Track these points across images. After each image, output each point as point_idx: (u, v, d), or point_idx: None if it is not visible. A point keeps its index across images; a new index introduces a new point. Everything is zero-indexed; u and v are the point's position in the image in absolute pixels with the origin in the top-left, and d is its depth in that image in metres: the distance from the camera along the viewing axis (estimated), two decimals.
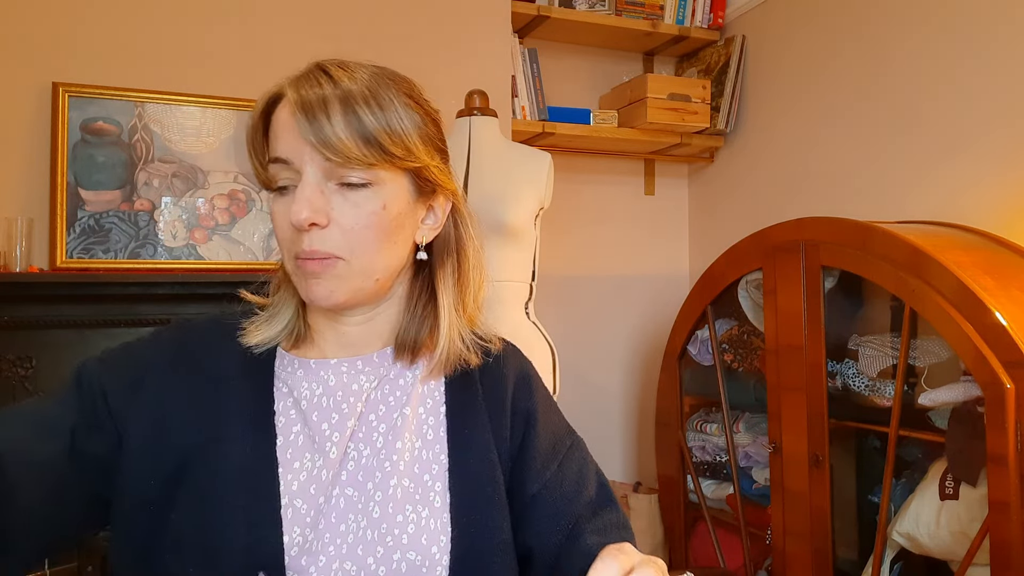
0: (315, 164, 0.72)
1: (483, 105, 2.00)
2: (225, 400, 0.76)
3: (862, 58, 2.33)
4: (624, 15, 2.74)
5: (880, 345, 1.88)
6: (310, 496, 0.74)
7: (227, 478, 0.72)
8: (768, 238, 2.05)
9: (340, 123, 0.71)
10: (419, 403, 0.82)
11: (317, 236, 0.73)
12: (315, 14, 2.29)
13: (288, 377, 0.80)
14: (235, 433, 0.74)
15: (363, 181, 0.73)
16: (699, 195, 3.09)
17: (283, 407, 0.78)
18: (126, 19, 2.09)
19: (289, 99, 0.73)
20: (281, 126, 0.74)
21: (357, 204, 0.74)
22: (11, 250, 1.88)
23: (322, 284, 0.74)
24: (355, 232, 0.74)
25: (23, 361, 1.86)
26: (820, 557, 1.92)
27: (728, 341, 2.28)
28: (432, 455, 0.79)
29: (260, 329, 0.80)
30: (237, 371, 0.78)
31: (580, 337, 2.93)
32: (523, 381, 0.88)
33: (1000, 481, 1.50)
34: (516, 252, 1.91)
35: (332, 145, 0.71)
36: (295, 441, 0.76)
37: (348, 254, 0.74)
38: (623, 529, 0.82)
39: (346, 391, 0.79)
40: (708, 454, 2.37)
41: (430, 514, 0.76)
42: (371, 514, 0.75)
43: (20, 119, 1.98)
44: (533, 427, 0.84)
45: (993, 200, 1.95)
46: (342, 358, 0.81)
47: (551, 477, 0.83)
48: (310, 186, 0.72)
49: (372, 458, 0.77)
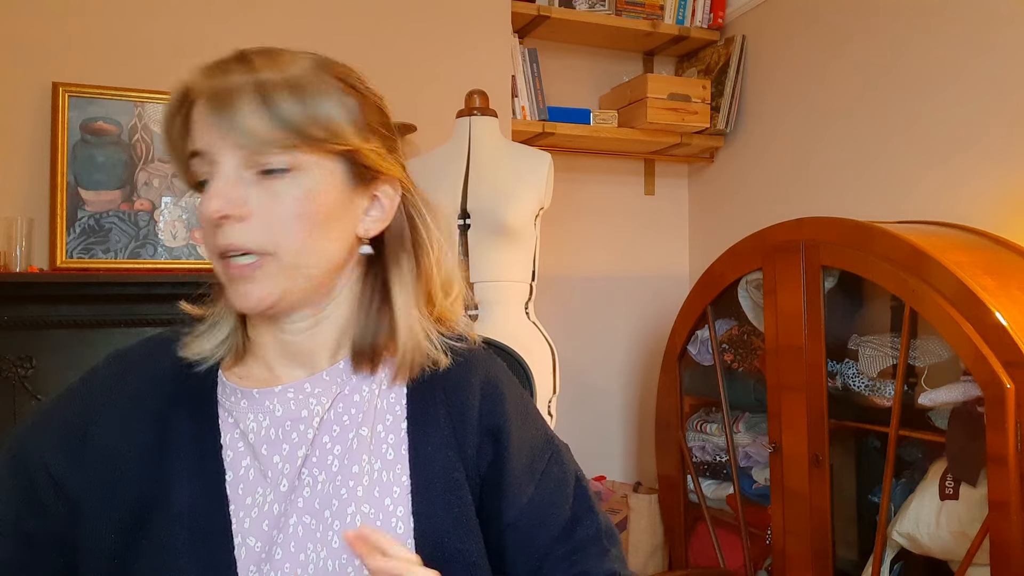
0: (230, 153, 0.67)
1: (483, 105, 2.00)
2: (171, 438, 0.72)
3: (862, 58, 2.33)
4: (624, 15, 2.73)
5: (880, 345, 1.88)
6: (262, 532, 0.70)
7: (179, 522, 0.69)
8: (768, 238, 2.05)
9: (252, 107, 0.66)
10: (377, 420, 0.76)
11: (237, 230, 0.67)
12: (315, 15, 2.29)
13: (233, 408, 0.74)
14: (184, 474, 0.70)
15: (283, 167, 0.68)
16: (699, 195, 3.09)
17: (230, 440, 0.73)
18: (126, 19, 2.09)
19: (198, 88, 0.68)
20: (196, 118, 0.69)
21: (278, 193, 0.68)
22: (11, 250, 1.88)
23: (251, 287, 0.69)
24: (278, 223, 0.68)
25: (23, 361, 1.85)
26: (820, 557, 1.92)
27: (728, 341, 2.28)
28: (393, 476, 0.73)
29: (197, 341, 0.75)
30: (181, 403, 0.73)
31: (580, 337, 2.93)
32: (490, 391, 0.80)
33: (1000, 481, 1.50)
34: (516, 252, 1.91)
35: (242, 128, 0.66)
36: (246, 476, 0.72)
37: (274, 247, 0.68)
38: (597, 542, 0.78)
39: (295, 419, 0.74)
40: (708, 454, 2.37)
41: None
42: (330, 544, 0.70)
43: (20, 119, 1.98)
44: (505, 446, 0.77)
45: (993, 200, 1.95)
46: (288, 383, 0.75)
47: (527, 504, 0.77)
48: (223, 176, 0.67)
49: (328, 484, 0.72)
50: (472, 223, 1.89)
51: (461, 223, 1.90)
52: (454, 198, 1.91)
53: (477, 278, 1.89)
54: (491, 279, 1.89)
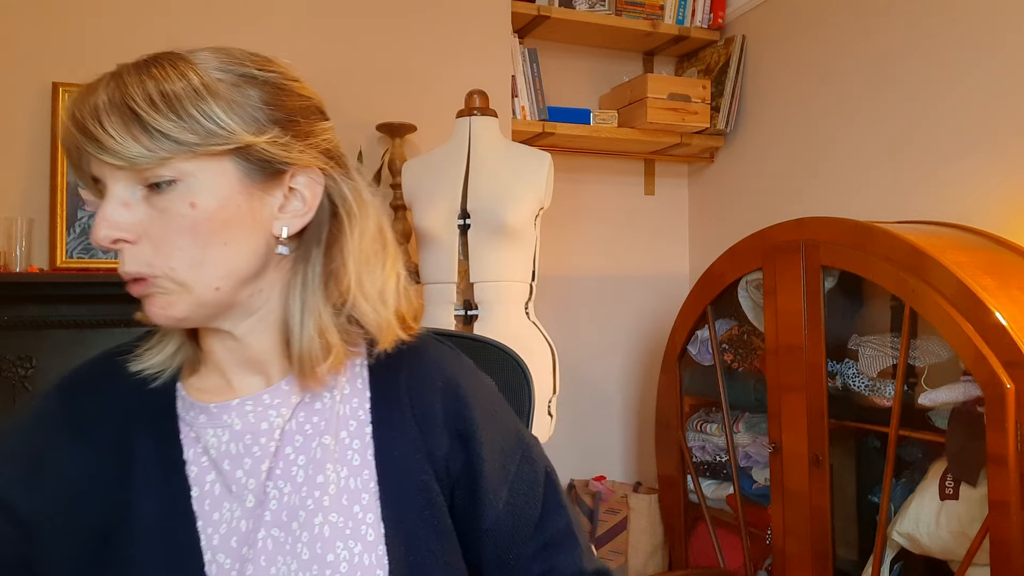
0: (114, 176, 0.65)
1: (483, 105, 2.00)
2: (133, 456, 0.70)
3: (863, 58, 2.33)
4: (624, 15, 2.73)
5: (880, 345, 1.88)
6: (232, 549, 0.68)
7: (147, 540, 0.67)
8: (768, 238, 2.05)
9: (114, 125, 0.62)
10: (341, 427, 0.74)
11: (128, 254, 0.65)
12: (314, 15, 2.29)
13: (192, 421, 0.72)
14: (148, 492, 0.68)
15: (167, 178, 0.64)
16: (699, 195, 3.09)
17: (193, 455, 0.71)
18: (126, 19, 2.09)
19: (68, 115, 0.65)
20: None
21: (164, 210, 0.65)
22: (11, 250, 1.88)
23: (155, 307, 0.67)
24: (165, 242, 0.65)
25: (23, 361, 1.86)
26: (820, 557, 1.92)
27: (728, 341, 2.28)
28: (360, 483, 0.72)
29: (148, 354, 0.74)
30: (140, 420, 0.71)
31: (580, 337, 2.93)
32: (452, 393, 0.77)
33: (1000, 481, 1.50)
34: (516, 252, 1.91)
35: (107, 147, 0.62)
36: (211, 491, 0.70)
37: (165, 269, 0.65)
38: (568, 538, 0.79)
39: (255, 432, 0.71)
40: (708, 454, 2.37)
41: (363, 549, 0.69)
42: (300, 556, 0.68)
43: (20, 119, 1.98)
44: (477, 452, 0.75)
45: (993, 200, 1.95)
46: (246, 396, 0.72)
47: (503, 507, 0.76)
48: (109, 202, 0.65)
49: (294, 495, 0.70)
50: (472, 223, 1.89)
51: (461, 223, 1.90)
52: (454, 198, 1.91)
53: (477, 278, 1.89)
54: (491, 279, 1.89)
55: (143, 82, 0.63)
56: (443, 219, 1.90)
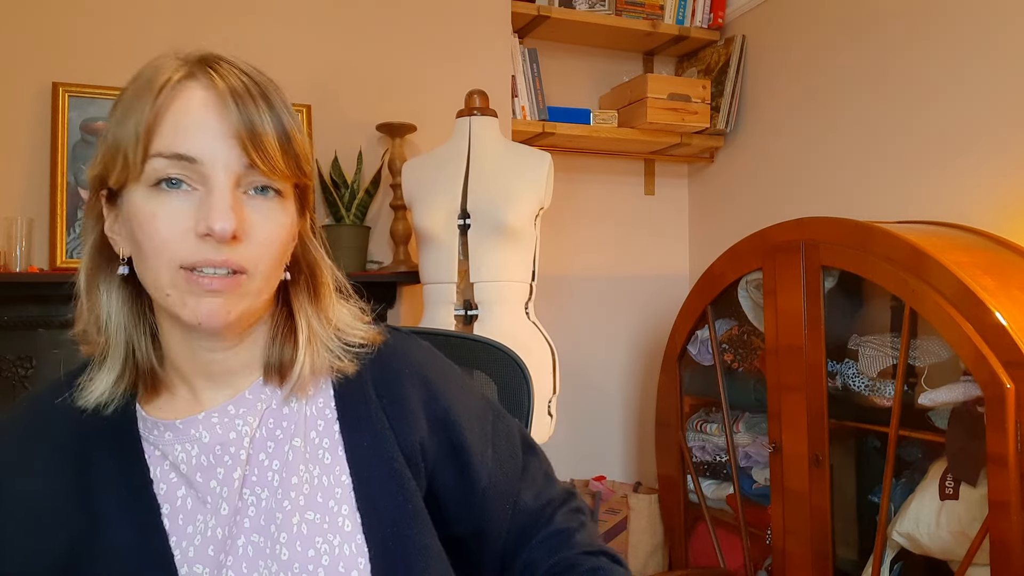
0: (230, 169, 0.65)
1: (483, 105, 2.00)
2: (96, 480, 0.70)
3: (862, 58, 2.33)
4: (624, 15, 2.73)
5: (880, 345, 1.88)
6: (209, 558, 0.69)
7: (119, 559, 0.67)
8: (768, 238, 2.05)
9: (268, 118, 0.66)
10: (310, 428, 0.76)
11: (231, 248, 0.65)
12: (315, 15, 2.29)
13: (157, 441, 0.72)
14: (114, 514, 0.69)
15: (278, 191, 0.68)
16: (699, 195, 3.09)
17: (161, 472, 0.71)
18: (126, 19, 2.09)
19: (208, 86, 0.66)
20: (188, 119, 0.65)
21: (267, 216, 0.68)
22: (11, 250, 1.88)
23: (222, 303, 0.66)
24: (264, 246, 0.67)
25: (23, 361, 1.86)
26: (820, 557, 1.92)
27: (728, 341, 2.28)
28: (333, 479, 0.74)
29: (90, 387, 0.71)
30: (102, 443, 0.71)
31: (580, 337, 2.93)
32: (421, 378, 0.81)
33: (1000, 481, 1.50)
34: (516, 252, 1.91)
35: (262, 146, 0.65)
36: (183, 506, 0.71)
37: (253, 269, 0.67)
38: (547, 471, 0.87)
39: (225, 443, 0.72)
40: (708, 454, 2.37)
41: (342, 540, 0.71)
42: (280, 557, 0.70)
43: (20, 119, 1.98)
44: (457, 426, 0.80)
45: (993, 200, 1.95)
46: (211, 409, 0.73)
47: (492, 465, 0.81)
48: (226, 192, 0.65)
49: (271, 499, 0.72)
50: (472, 223, 1.89)
51: (461, 223, 1.90)
52: (454, 198, 1.91)
53: (477, 278, 1.89)
54: (491, 279, 1.89)
55: (284, 106, 0.69)
56: (443, 219, 1.90)
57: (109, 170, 0.67)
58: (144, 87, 0.66)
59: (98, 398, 0.71)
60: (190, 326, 0.68)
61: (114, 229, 0.70)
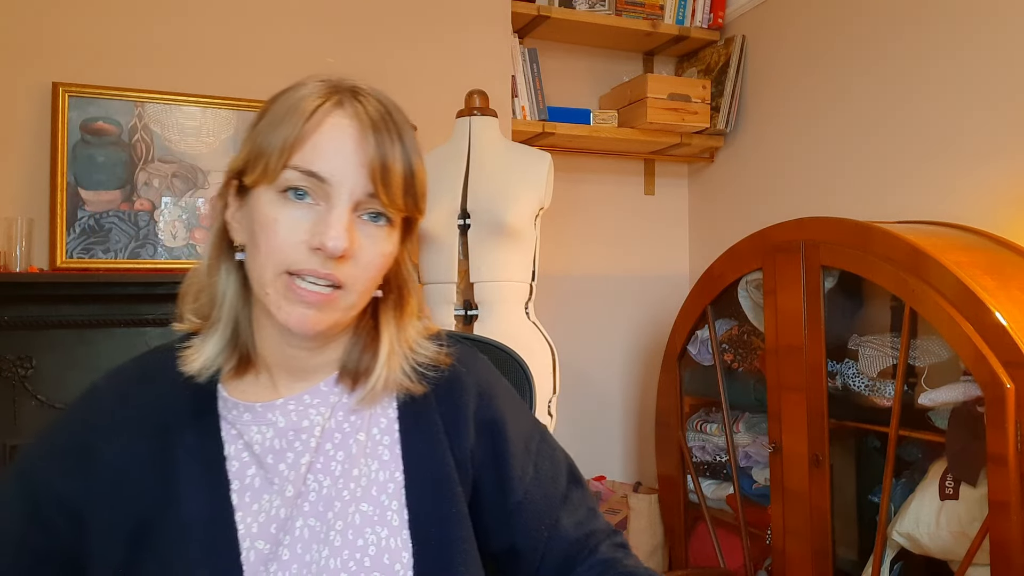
0: (354, 193, 0.71)
1: (483, 105, 2.00)
2: (175, 452, 0.74)
3: (863, 58, 2.33)
4: (624, 15, 2.73)
5: (880, 345, 1.88)
6: (270, 535, 0.73)
7: (186, 533, 0.71)
8: (768, 238, 2.05)
9: (398, 151, 0.72)
10: (372, 425, 0.81)
11: (336, 265, 0.71)
12: (315, 14, 2.29)
13: (235, 420, 0.77)
14: (189, 486, 0.73)
15: (389, 220, 0.74)
16: (699, 195, 3.09)
17: (235, 451, 0.76)
18: (126, 19, 2.09)
19: (352, 116, 0.72)
20: (331, 144, 0.71)
21: (375, 241, 0.73)
22: (11, 250, 1.88)
23: (314, 314, 0.72)
24: (366, 268, 0.73)
25: (23, 361, 1.86)
26: (820, 557, 1.92)
27: (728, 341, 2.28)
28: (388, 475, 0.79)
29: (196, 355, 0.77)
30: (182, 417, 0.76)
31: (580, 337, 2.93)
32: (485, 393, 0.86)
33: (1000, 481, 1.50)
34: (516, 252, 1.91)
35: (388, 179, 0.71)
36: (252, 484, 0.75)
37: (351, 287, 0.73)
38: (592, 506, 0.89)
39: (297, 429, 0.77)
40: (708, 454, 2.37)
41: (389, 533, 0.75)
42: (332, 543, 0.74)
43: (20, 119, 1.98)
44: (503, 436, 0.84)
45: (993, 200, 1.95)
46: (288, 396, 0.78)
47: (530, 482, 0.84)
48: (344, 214, 0.71)
49: (331, 487, 0.77)
50: (472, 223, 1.89)
51: (461, 223, 1.90)
52: (454, 198, 1.91)
53: (477, 278, 1.89)
54: (491, 279, 1.89)
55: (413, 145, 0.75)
56: (443, 219, 1.90)
57: (249, 169, 0.73)
58: (295, 107, 0.72)
59: (201, 365, 0.76)
60: (279, 324, 0.73)
61: (235, 217, 0.76)
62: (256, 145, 0.73)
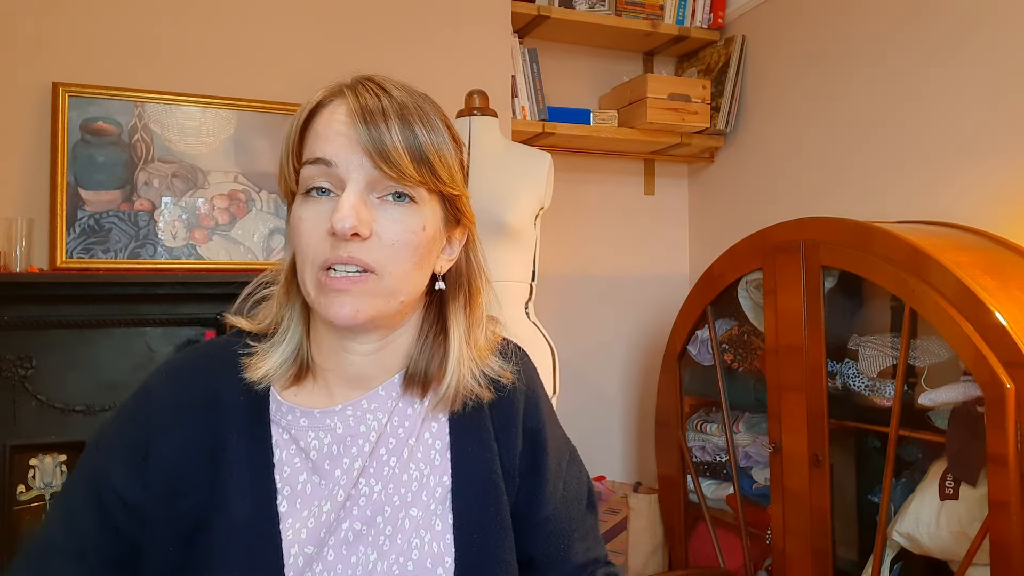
0: (362, 173, 0.71)
1: (483, 105, 2.00)
2: (226, 455, 0.74)
3: (863, 58, 2.33)
4: (624, 15, 2.73)
5: (880, 345, 1.88)
6: (319, 539, 0.74)
7: (230, 539, 0.72)
8: (768, 238, 2.05)
9: (398, 135, 0.71)
10: (424, 429, 0.81)
11: (356, 246, 0.71)
12: (315, 14, 2.29)
13: (291, 426, 0.77)
14: (236, 492, 0.73)
15: (409, 196, 0.73)
16: (699, 195, 3.09)
17: (286, 456, 0.76)
18: (126, 19, 2.09)
19: (347, 104, 0.73)
20: (328, 129, 0.73)
21: (399, 220, 0.73)
22: (11, 250, 1.88)
23: (348, 302, 0.71)
24: (394, 247, 0.72)
25: (23, 361, 1.85)
26: (820, 557, 1.92)
27: (728, 341, 2.28)
28: (437, 479, 0.79)
29: (264, 361, 0.77)
30: (235, 422, 0.76)
31: (580, 337, 2.93)
32: (531, 399, 0.87)
33: (1000, 481, 1.50)
34: (516, 252, 1.91)
35: (389, 156, 0.70)
36: (303, 490, 0.75)
37: (382, 269, 0.72)
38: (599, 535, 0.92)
39: (354, 435, 0.78)
40: (708, 454, 2.37)
41: (432, 538, 0.76)
42: (381, 547, 0.75)
43: (20, 119, 1.98)
44: (543, 448, 0.86)
45: (993, 200, 1.95)
46: (347, 402, 0.78)
47: (559, 499, 0.86)
48: (356, 194, 0.71)
49: (382, 492, 0.77)
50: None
51: None
52: None
53: None
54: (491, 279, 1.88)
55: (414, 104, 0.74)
56: None
57: (280, 183, 0.77)
58: (299, 112, 0.75)
59: (264, 373, 0.76)
60: (328, 324, 0.74)
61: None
62: (280, 158, 0.76)
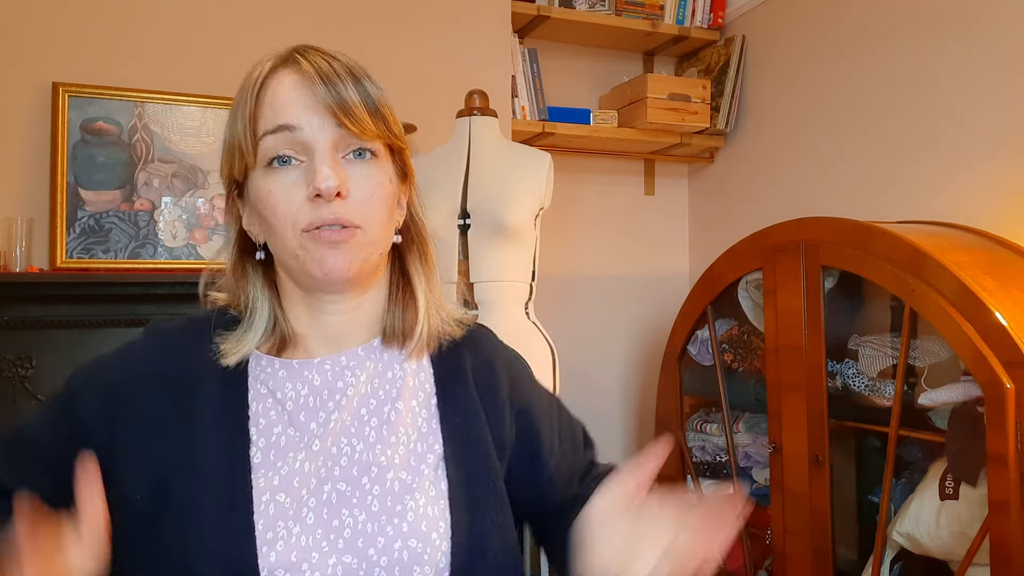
0: (326, 134, 0.73)
1: (483, 105, 2.00)
2: (200, 410, 0.76)
3: (862, 58, 2.33)
4: (624, 15, 2.73)
5: (880, 345, 1.88)
6: (293, 488, 0.74)
7: (202, 488, 0.72)
8: (768, 238, 2.05)
9: (354, 92, 0.74)
10: (411, 397, 0.83)
11: (338, 205, 0.73)
12: (315, 14, 2.29)
13: (269, 379, 0.79)
14: (209, 443, 0.74)
15: (372, 152, 0.76)
16: (699, 195, 3.09)
17: (262, 408, 0.78)
18: (126, 19, 2.09)
19: (300, 70, 0.74)
20: (283, 98, 0.74)
21: (368, 175, 0.76)
22: (11, 250, 1.88)
23: (342, 254, 0.74)
24: (369, 202, 0.75)
25: (23, 361, 1.86)
26: (820, 557, 1.92)
27: (728, 341, 2.28)
28: (427, 446, 0.81)
29: (239, 345, 0.78)
30: (211, 377, 0.77)
31: (580, 337, 2.93)
32: (511, 373, 0.91)
33: (1000, 481, 1.50)
34: (516, 252, 1.91)
35: (352, 112, 0.73)
36: (277, 442, 0.76)
37: (364, 223, 0.75)
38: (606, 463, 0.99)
39: (332, 389, 0.79)
40: (708, 454, 2.37)
41: (427, 502, 0.77)
42: (370, 508, 0.75)
43: (20, 119, 1.98)
44: (535, 417, 0.89)
45: (993, 200, 1.95)
46: (326, 356, 0.81)
47: (558, 453, 0.91)
48: (326, 155, 0.73)
49: (366, 452, 0.78)
50: (472, 223, 1.89)
51: (461, 223, 1.90)
52: (454, 198, 1.91)
53: (477, 278, 1.89)
54: (491, 279, 1.89)
55: (357, 65, 0.77)
56: (443, 219, 1.90)
57: (232, 165, 0.77)
58: (244, 88, 0.76)
59: (245, 354, 0.78)
60: (317, 280, 0.75)
61: (250, 222, 0.79)
62: (228, 137, 0.78)
